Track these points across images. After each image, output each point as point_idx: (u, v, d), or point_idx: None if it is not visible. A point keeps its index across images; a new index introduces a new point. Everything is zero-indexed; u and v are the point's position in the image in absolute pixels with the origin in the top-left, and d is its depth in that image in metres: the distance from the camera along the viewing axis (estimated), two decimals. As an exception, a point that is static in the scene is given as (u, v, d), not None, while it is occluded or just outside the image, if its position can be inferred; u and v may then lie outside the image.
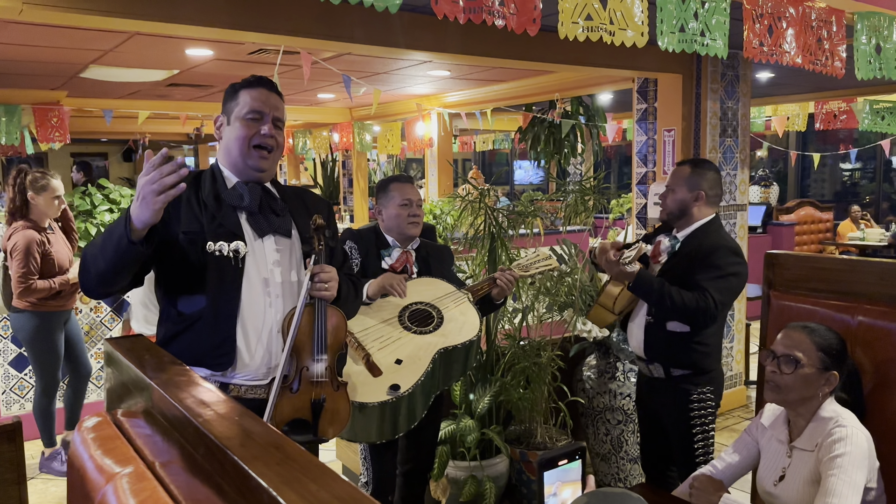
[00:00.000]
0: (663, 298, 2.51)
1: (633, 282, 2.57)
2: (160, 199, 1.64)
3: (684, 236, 2.69)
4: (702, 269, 2.55)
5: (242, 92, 1.97)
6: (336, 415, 1.97)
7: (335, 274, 1.95)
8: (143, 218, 1.66)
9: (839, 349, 1.95)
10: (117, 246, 1.69)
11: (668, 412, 2.73)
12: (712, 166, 2.76)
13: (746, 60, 4.86)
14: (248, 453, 0.74)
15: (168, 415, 0.96)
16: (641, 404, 2.93)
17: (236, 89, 1.99)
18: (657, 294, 2.53)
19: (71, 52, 4.64)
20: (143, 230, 1.69)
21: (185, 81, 5.98)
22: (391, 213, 2.71)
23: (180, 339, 1.91)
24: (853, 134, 11.13)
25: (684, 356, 2.63)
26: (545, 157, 6.61)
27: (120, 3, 2.71)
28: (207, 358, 1.89)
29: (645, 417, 2.92)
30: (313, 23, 3.18)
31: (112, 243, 1.71)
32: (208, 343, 1.88)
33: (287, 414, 1.90)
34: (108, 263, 1.73)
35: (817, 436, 1.92)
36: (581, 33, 2.48)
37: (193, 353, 1.88)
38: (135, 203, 1.68)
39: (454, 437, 3.31)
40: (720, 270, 2.53)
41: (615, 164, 15.51)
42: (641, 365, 2.82)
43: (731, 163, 4.86)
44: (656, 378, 2.74)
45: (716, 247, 2.59)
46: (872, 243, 8.86)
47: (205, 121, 8.03)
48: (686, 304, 2.48)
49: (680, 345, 2.62)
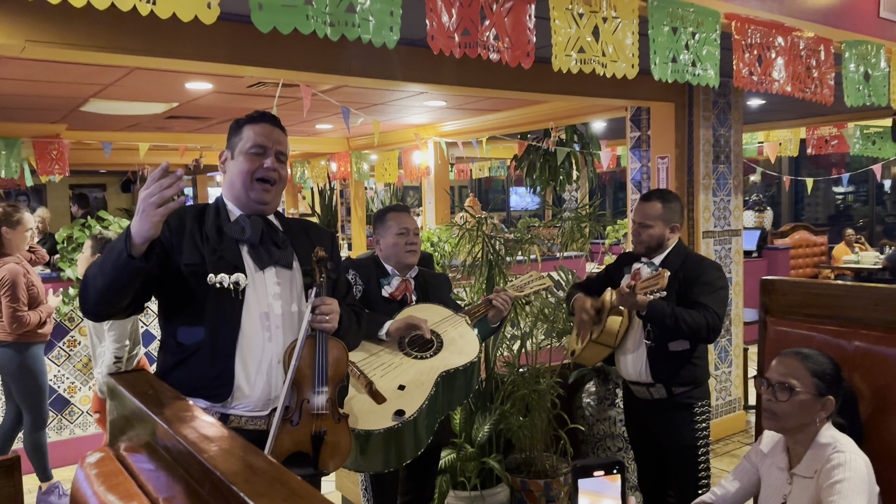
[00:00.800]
0: (677, 321, 2.62)
1: (646, 310, 2.64)
2: (160, 211, 1.66)
3: (660, 261, 2.84)
4: (695, 288, 2.72)
5: (246, 127, 2.00)
6: (337, 448, 1.97)
7: (336, 306, 1.97)
8: (142, 231, 1.68)
9: (834, 374, 1.96)
10: (116, 261, 1.71)
11: (671, 433, 2.79)
12: (676, 196, 2.93)
13: (737, 89, 4.93)
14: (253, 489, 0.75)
15: (172, 450, 0.97)
16: (636, 429, 2.96)
17: (240, 125, 2.02)
18: (671, 318, 2.63)
19: (71, 87, 4.70)
20: (142, 245, 1.70)
21: (184, 114, 6.04)
22: (388, 242, 2.74)
23: (179, 369, 1.92)
24: (845, 158, 11.24)
25: (688, 373, 2.77)
26: (541, 185, 6.66)
27: (120, 39, 2.76)
28: (204, 389, 1.89)
29: (640, 442, 2.95)
30: (311, 57, 3.24)
31: (112, 259, 1.73)
32: (206, 374, 1.89)
33: (287, 447, 1.90)
34: (107, 280, 1.74)
35: (816, 462, 1.92)
36: (574, 66, 2.53)
37: (191, 383, 1.88)
38: (135, 218, 1.70)
39: (454, 467, 3.30)
40: (712, 286, 2.73)
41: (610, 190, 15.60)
42: (639, 389, 2.85)
43: (725, 189, 4.91)
44: (657, 399, 2.79)
45: (699, 265, 2.80)
46: (867, 266, 8.90)
47: (204, 152, 8.09)
48: (697, 323, 2.63)
49: (684, 363, 2.76)
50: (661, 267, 2.79)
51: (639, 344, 2.80)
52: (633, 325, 2.83)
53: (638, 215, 2.88)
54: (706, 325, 2.63)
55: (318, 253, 1.97)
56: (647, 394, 2.82)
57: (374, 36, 2.14)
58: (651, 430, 2.87)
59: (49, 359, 4.64)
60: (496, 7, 2.38)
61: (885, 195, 12.45)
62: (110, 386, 1.32)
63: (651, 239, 2.84)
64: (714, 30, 2.91)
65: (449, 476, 3.29)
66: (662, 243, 2.85)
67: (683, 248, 2.89)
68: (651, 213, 2.84)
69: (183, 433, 0.94)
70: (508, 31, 2.41)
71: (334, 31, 2.05)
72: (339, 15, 2.05)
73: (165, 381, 1.90)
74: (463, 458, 3.28)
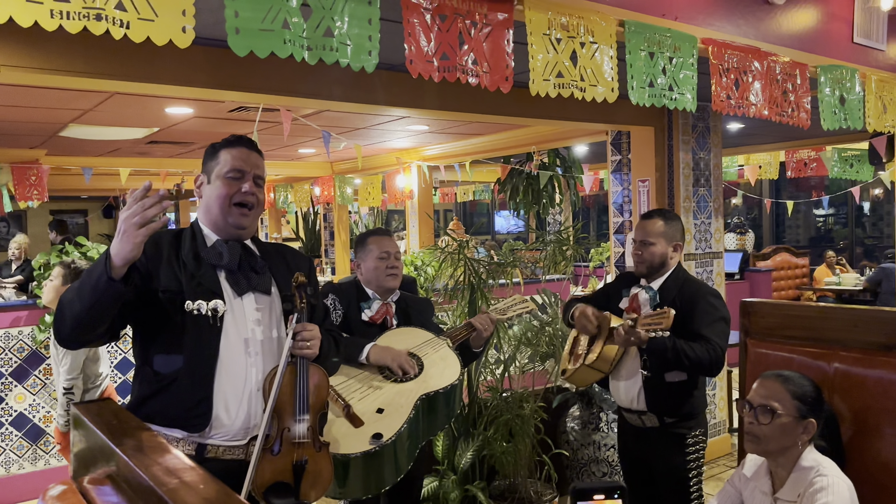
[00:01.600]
0: (679, 356, 2.52)
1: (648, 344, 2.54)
2: (142, 231, 1.63)
3: (659, 286, 2.74)
4: (696, 319, 2.60)
5: (223, 151, 1.98)
6: (318, 477, 1.93)
7: (318, 332, 1.94)
8: (123, 253, 1.64)
9: (815, 396, 1.96)
10: (96, 285, 1.66)
11: (663, 460, 2.72)
12: (677, 215, 2.87)
13: (716, 112, 4.99)
14: (212, 523, 0.72)
15: (133, 483, 0.93)
16: (628, 455, 2.89)
17: (216, 149, 2.00)
18: (672, 352, 2.52)
19: (50, 112, 4.67)
20: (122, 267, 1.66)
21: (165, 139, 6.01)
22: (369, 266, 2.72)
23: (156, 399, 1.87)
24: (824, 181, 11.39)
25: (685, 404, 2.69)
26: (524, 208, 6.68)
27: (97, 64, 2.74)
28: (182, 419, 1.85)
29: (632, 468, 2.88)
30: (292, 81, 3.23)
31: (90, 283, 1.67)
32: (184, 404, 1.85)
33: (268, 477, 1.85)
34: (84, 305, 1.69)
35: (799, 486, 1.91)
36: (553, 90, 2.55)
37: (169, 413, 1.84)
38: (115, 239, 1.66)
39: (437, 495, 3.25)
40: (712, 317, 2.61)
41: (594, 213, 15.71)
42: (632, 417, 2.79)
43: (706, 212, 4.94)
44: (649, 428, 2.73)
45: (699, 293, 2.68)
46: (848, 288, 8.97)
47: (185, 177, 8.05)
48: (700, 357, 2.52)
49: (681, 394, 2.67)
50: (658, 292, 2.71)
51: (633, 372, 2.73)
52: (628, 352, 2.75)
53: (639, 233, 2.78)
54: (709, 360, 2.53)
55: (298, 278, 1.94)
56: (638, 421, 2.75)
57: (353, 60, 2.14)
58: (642, 456, 2.80)
59: (24, 387, 4.55)
60: (474, 32, 2.40)
61: (865, 217, 12.62)
62: (75, 416, 1.28)
63: (653, 257, 2.73)
64: (691, 54, 2.95)
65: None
66: (665, 262, 2.74)
67: (683, 273, 2.79)
68: (653, 231, 2.74)
69: (144, 465, 0.91)
70: (487, 56, 2.42)
71: (311, 55, 2.04)
72: (317, 39, 2.05)
73: (141, 411, 1.87)
74: (446, 485, 3.23)
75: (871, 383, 2.03)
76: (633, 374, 2.72)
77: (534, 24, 2.47)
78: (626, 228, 5.04)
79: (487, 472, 3.45)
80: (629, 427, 2.84)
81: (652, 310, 2.70)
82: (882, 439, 2.00)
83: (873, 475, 2.00)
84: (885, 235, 11.98)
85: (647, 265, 2.76)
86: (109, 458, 1.06)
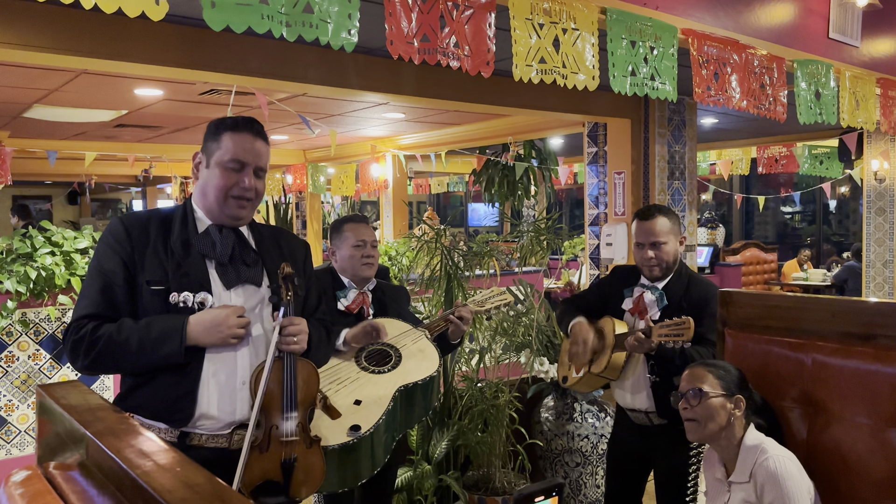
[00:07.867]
0: (687, 363, 2.41)
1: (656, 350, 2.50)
2: (227, 338, 1.78)
3: (664, 285, 2.67)
4: (704, 324, 2.51)
5: (226, 135, 1.84)
6: (309, 473, 1.87)
7: (305, 326, 1.87)
8: (202, 341, 1.76)
9: (739, 375, 2.07)
10: (167, 357, 1.75)
11: (666, 457, 2.66)
12: (669, 208, 2.81)
13: (692, 106, 5.02)
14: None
15: (104, 466, 0.88)
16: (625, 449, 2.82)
17: (220, 130, 1.86)
18: (681, 359, 2.45)
19: (14, 91, 4.51)
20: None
21: (133, 122, 5.87)
22: (345, 254, 2.66)
23: (141, 391, 1.81)
24: (793, 178, 11.58)
25: None
26: (499, 199, 6.67)
27: (65, 39, 2.65)
28: (167, 412, 1.79)
29: (624, 462, 2.82)
30: (266, 63, 3.16)
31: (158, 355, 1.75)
32: (169, 396, 1.79)
33: (257, 476, 1.80)
34: (138, 363, 1.77)
35: (748, 464, 1.97)
36: (535, 76, 2.52)
37: (153, 406, 1.79)
38: (201, 326, 1.75)
39: (411, 485, 3.22)
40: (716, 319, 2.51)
41: (567, 207, 15.78)
42: (637, 416, 2.71)
43: (680, 204, 4.97)
44: (656, 425, 2.66)
45: (707, 296, 2.58)
46: (815, 283, 9.14)
47: (154, 162, 7.87)
48: None
49: None
50: (664, 292, 2.64)
51: (639, 376, 2.66)
52: (634, 356, 2.67)
53: (645, 236, 2.62)
54: None
55: (284, 269, 1.85)
56: (645, 420, 2.69)
57: (333, 38, 2.08)
58: (643, 452, 2.75)
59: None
60: (456, 14, 2.36)
61: (831, 214, 12.86)
62: (40, 400, 1.22)
63: (668, 257, 2.62)
64: (672, 44, 2.94)
65: (405, 495, 3.21)
66: (678, 259, 2.65)
67: (686, 270, 2.69)
68: (662, 230, 2.61)
69: (116, 448, 0.86)
70: (468, 39, 2.38)
71: (290, 31, 1.98)
72: (296, 15, 1.99)
73: (126, 403, 1.83)
74: (420, 475, 3.20)
75: (849, 373, 2.04)
76: (639, 377, 2.66)
77: (517, 7, 2.44)
78: (602, 220, 5.05)
79: (462, 462, 3.43)
80: (632, 424, 2.76)
81: (659, 310, 2.63)
82: (858, 429, 2.02)
83: (847, 463, 2.01)
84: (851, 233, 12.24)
85: (663, 267, 2.64)
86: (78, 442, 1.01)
